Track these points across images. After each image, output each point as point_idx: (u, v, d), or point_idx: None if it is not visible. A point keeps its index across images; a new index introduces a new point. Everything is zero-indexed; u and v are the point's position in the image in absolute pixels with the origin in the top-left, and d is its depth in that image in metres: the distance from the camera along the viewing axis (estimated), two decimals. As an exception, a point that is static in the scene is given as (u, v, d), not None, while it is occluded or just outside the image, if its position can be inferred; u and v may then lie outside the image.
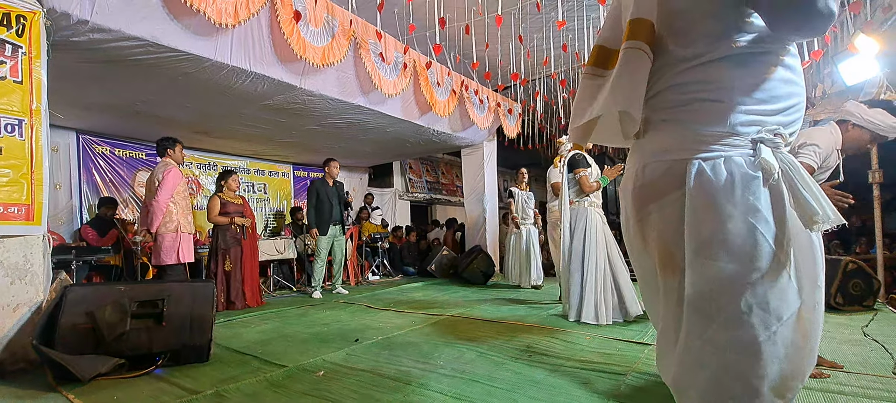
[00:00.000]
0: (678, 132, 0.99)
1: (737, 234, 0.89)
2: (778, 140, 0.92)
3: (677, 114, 0.99)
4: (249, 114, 5.01)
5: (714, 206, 0.91)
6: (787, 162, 0.91)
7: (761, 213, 0.90)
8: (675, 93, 1.00)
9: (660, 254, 1.02)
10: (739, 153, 0.93)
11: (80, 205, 5.60)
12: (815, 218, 0.87)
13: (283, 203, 8.01)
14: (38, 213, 2.63)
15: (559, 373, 2.33)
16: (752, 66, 0.94)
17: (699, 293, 0.93)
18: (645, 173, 1.05)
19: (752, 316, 0.88)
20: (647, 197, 1.05)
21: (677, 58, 0.99)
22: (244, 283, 4.70)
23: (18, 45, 2.63)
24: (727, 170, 0.92)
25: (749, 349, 0.88)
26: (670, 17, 0.99)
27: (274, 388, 2.22)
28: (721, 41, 0.94)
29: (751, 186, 0.90)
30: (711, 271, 0.91)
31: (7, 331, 2.46)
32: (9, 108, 2.56)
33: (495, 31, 5.28)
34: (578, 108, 1.12)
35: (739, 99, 0.93)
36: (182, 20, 3.31)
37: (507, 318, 3.76)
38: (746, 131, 0.93)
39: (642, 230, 1.07)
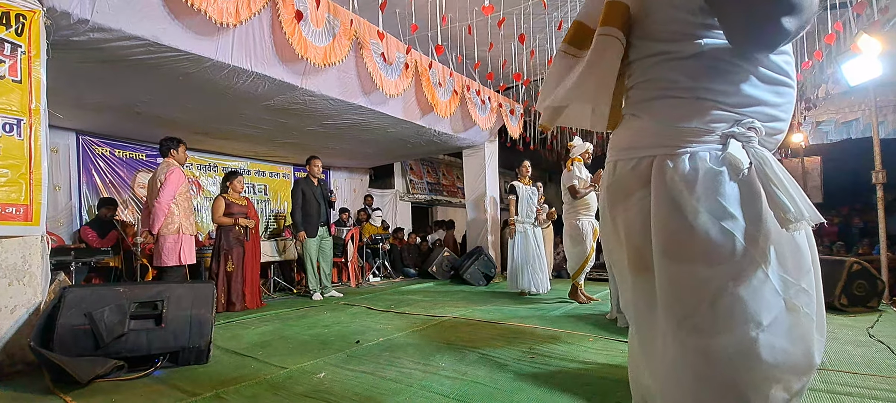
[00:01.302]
0: (646, 128, 0.97)
1: (701, 232, 0.85)
2: (751, 134, 0.88)
3: (646, 109, 0.97)
4: (250, 114, 5.00)
5: (676, 203, 0.88)
6: (760, 156, 0.87)
7: (727, 209, 0.85)
8: (645, 89, 0.97)
9: (629, 253, 1.00)
10: (706, 148, 0.89)
11: (79, 207, 5.58)
12: (788, 216, 0.81)
13: (284, 204, 7.98)
14: (37, 214, 2.61)
15: (562, 375, 2.30)
16: (724, 61, 0.90)
17: (667, 295, 0.89)
18: (615, 170, 1.03)
19: (726, 320, 0.83)
20: (616, 194, 1.02)
21: (649, 53, 0.96)
22: (245, 285, 4.68)
23: (18, 44, 2.61)
24: (691, 166, 0.89)
25: (722, 355, 0.83)
26: (642, 13, 0.96)
27: (274, 390, 2.20)
28: (687, 40, 0.91)
29: (715, 181, 0.86)
30: (677, 271, 0.88)
31: (4, 333, 2.44)
32: (7, 108, 2.54)
33: (498, 31, 5.26)
34: (547, 86, 1.08)
35: (709, 95, 0.90)
36: (183, 20, 3.29)
37: (509, 320, 3.73)
38: (717, 126, 0.89)
39: (615, 228, 1.05)
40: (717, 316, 0.83)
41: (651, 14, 0.95)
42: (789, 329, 0.83)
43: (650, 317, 0.95)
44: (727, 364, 0.83)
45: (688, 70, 0.91)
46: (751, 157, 0.87)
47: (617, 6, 0.95)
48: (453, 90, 5.84)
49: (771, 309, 0.83)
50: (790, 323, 0.83)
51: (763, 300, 0.82)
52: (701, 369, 0.84)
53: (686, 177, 0.88)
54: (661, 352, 0.92)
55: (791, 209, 0.81)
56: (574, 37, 1.07)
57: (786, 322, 0.83)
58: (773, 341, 0.81)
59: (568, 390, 2.09)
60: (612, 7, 0.95)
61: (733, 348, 0.82)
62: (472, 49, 5.71)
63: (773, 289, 0.83)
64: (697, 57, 0.91)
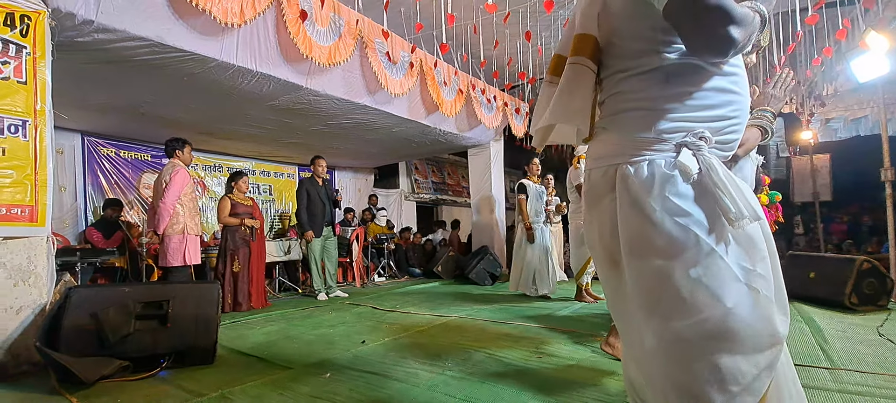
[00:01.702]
0: (613, 138, 1.07)
1: (660, 229, 0.94)
2: (700, 143, 0.97)
3: (614, 121, 1.07)
4: (255, 114, 4.99)
5: (636, 205, 0.98)
6: (706, 163, 0.96)
7: (681, 206, 0.94)
8: (613, 103, 1.08)
9: (603, 253, 1.10)
10: (663, 156, 0.99)
11: (85, 208, 5.60)
12: (730, 216, 0.91)
13: (289, 204, 7.99)
14: (42, 215, 2.61)
15: (570, 374, 2.27)
16: (679, 77, 0.99)
17: (635, 288, 0.99)
18: (590, 177, 1.14)
19: (692, 305, 0.91)
20: (591, 200, 1.13)
21: (615, 69, 1.07)
22: (251, 285, 4.68)
23: (23, 46, 2.61)
24: (649, 172, 0.98)
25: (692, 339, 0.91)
26: (608, 34, 1.07)
27: (279, 390, 2.18)
28: (650, 55, 1.01)
29: (668, 183, 0.96)
30: (640, 266, 0.97)
31: (10, 333, 2.43)
32: (12, 109, 2.55)
33: (503, 29, 5.23)
34: (537, 112, 1.20)
35: (665, 107, 0.99)
36: (187, 20, 3.29)
37: (515, 320, 3.71)
38: (671, 137, 0.99)
39: (591, 230, 1.16)
40: (684, 302, 0.92)
41: (619, 34, 1.05)
42: (751, 308, 0.91)
43: (626, 312, 1.05)
44: (698, 345, 0.91)
45: (647, 84, 1.01)
46: (700, 164, 0.96)
47: (584, 38, 1.08)
48: (458, 89, 5.81)
49: (733, 292, 0.90)
50: (752, 304, 0.91)
51: (724, 284, 0.91)
52: (676, 353, 0.93)
53: (644, 182, 0.98)
54: (639, 344, 1.00)
55: (733, 209, 0.90)
56: (555, 68, 1.18)
57: (748, 302, 0.91)
58: (737, 319, 0.89)
59: (575, 390, 2.06)
60: (580, 39, 1.08)
61: (702, 329, 0.90)
62: (477, 47, 5.69)
63: (733, 275, 0.91)
64: (656, 71, 1.00)
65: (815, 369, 2.28)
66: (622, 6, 1.03)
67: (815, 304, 3.99)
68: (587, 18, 1.09)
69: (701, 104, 0.99)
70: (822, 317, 3.50)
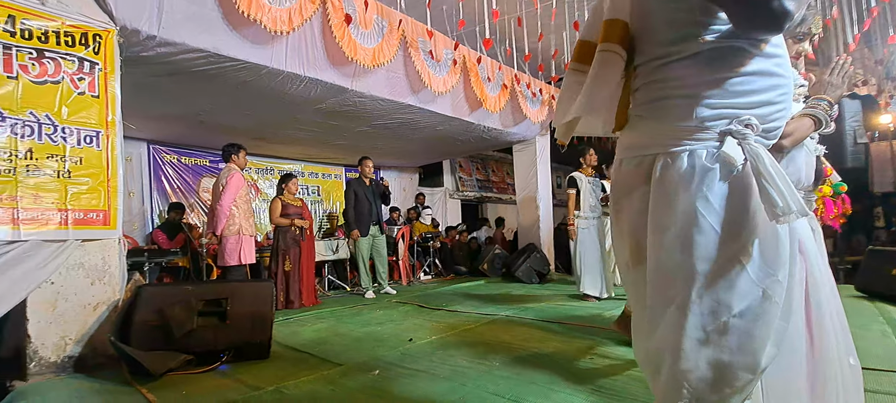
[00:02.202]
0: (649, 128, 1.03)
1: (688, 226, 0.93)
2: (747, 131, 0.92)
3: (649, 110, 1.03)
4: (303, 118, 5.16)
5: (670, 198, 0.95)
6: (753, 153, 0.91)
7: (712, 205, 0.92)
8: (650, 90, 1.03)
9: (631, 245, 1.08)
10: (704, 146, 0.95)
11: (151, 211, 6.01)
12: (777, 210, 0.87)
13: (336, 204, 8.21)
14: (114, 218, 2.81)
15: (625, 378, 2.17)
16: (721, 61, 0.95)
17: (657, 281, 0.98)
18: (621, 168, 1.11)
19: (702, 306, 0.91)
20: (621, 190, 1.10)
21: (650, 56, 1.02)
22: (301, 283, 4.83)
23: (95, 62, 2.81)
24: (689, 164, 0.94)
25: (699, 336, 0.91)
26: (642, 18, 1.02)
27: (331, 386, 2.23)
28: (689, 40, 0.96)
29: (706, 178, 0.93)
30: (666, 260, 0.95)
31: (88, 328, 2.64)
32: (88, 121, 2.75)
33: (548, 20, 5.10)
34: (560, 105, 1.16)
35: (707, 94, 0.95)
36: (240, 30, 3.43)
37: (565, 318, 3.60)
38: (714, 124, 0.94)
39: (619, 222, 1.13)
40: (697, 300, 0.92)
41: (655, 18, 1.01)
42: (758, 316, 0.90)
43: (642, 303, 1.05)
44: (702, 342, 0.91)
45: (688, 70, 0.97)
46: (745, 154, 0.91)
47: (614, 23, 1.03)
48: (502, 84, 5.73)
49: (744, 297, 0.90)
50: (761, 311, 0.90)
51: (737, 290, 0.90)
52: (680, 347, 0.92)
53: (682, 175, 0.94)
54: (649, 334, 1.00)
55: (780, 204, 0.86)
56: (579, 55, 1.14)
57: (756, 310, 0.90)
58: (740, 325, 0.90)
59: (630, 392, 1.96)
60: (610, 24, 1.03)
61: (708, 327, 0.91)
62: (521, 41, 5.58)
63: (751, 280, 0.90)
64: (697, 56, 0.95)
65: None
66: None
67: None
68: (618, 3, 1.04)
69: (745, 89, 0.94)
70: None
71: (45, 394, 2.20)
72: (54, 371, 2.48)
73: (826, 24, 5.30)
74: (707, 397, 0.91)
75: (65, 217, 2.59)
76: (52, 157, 2.60)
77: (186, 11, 3.16)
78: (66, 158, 2.64)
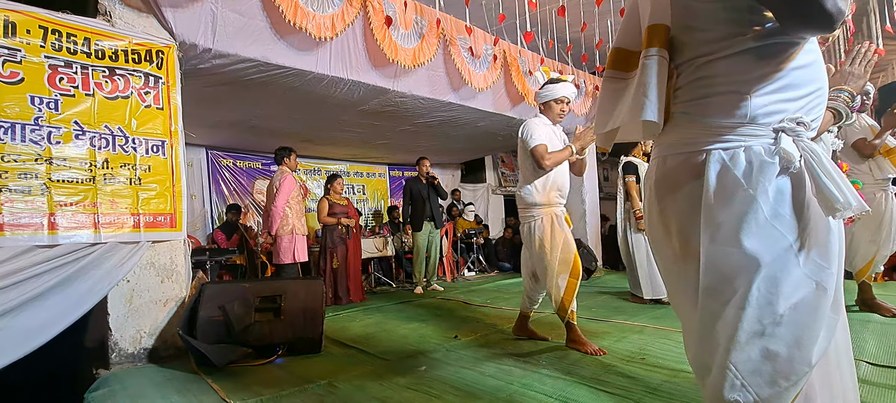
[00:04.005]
0: (697, 125, 1.02)
1: (748, 220, 0.92)
2: (799, 129, 0.93)
3: (697, 107, 1.02)
4: (347, 119, 5.31)
5: (729, 194, 0.94)
6: (809, 150, 0.92)
7: (771, 200, 0.92)
8: (695, 88, 1.02)
9: (679, 242, 1.06)
10: (760, 143, 0.95)
11: (210, 212, 6.40)
12: (836, 205, 0.87)
13: (380, 202, 8.39)
14: (180, 221, 3.02)
15: (679, 380, 2.10)
16: (769, 57, 0.95)
17: (713, 276, 0.96)
18: (665, 164, 1.09)
19: (761, 298, 0.91)
20: (667, 187, 1.09)
21: (696, 54, 1.02)
22: (348, 280, 5.00)
23: (159, 77, 3.03)
24: (747, 160, 0.94)
25: (756, 329, 0.91)
26: (687, 17, 1.02)
27: (379, 381, 2.30)
28: (736, 37, 0.96)
29: (766, 173, 0.92)
30: (723, 255, 0.94)
31: (159, 322, 2.86)
32: (154, 132, 2.97)
33: (592, 8, 4.96)
34: (603, 112, 1.16)
35: (758, 89, 0.95)
36: (287, 38, 3.58)
37: (614, 317, 3.52)
38: (767, 120, 0.95)
39: (663, 219, 1.11)
40: (755, 294, 0.91)
41: (699, 17, 1.00)
42: (813, 308, 0.90)
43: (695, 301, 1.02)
44: (759, 336, 0.90)
45: (736, 66, 0.96)
46: (801, 150, 0.92)
47: (657, 28, 1.03)
48: (544, 78, 5.64)
49: (799, 289, 0.90)
50: (816, 303, 0.90)
51: (793, 282, 0.90)
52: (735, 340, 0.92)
53: (742, 170, 0.94)
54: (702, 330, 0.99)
55: (840, 200, 0.87)
56: (616, 62, 1.15)
57: (812, 302, 0.90)
58: (796, 317, 0.90)
59: (683, 395, 1.90)
60: (653, 30, 1.04)
61: (765, 321, 0.90)
62: (563, 32, 5.47)
63: (805, 274, 0.91)
64: (745, 53, 0.95)
65: None
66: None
67: None
68: (659, 7, 1.04)
69: (792, 84, 0.95)
70: None
71: (126, 381, 2.42)
72: (131, 361, 2.72)
73: None
74: (762, 391, 0.91)
75: (137, 220, 2.82)
76: (125, 166, 2.84)
77: (237, 24, 3.34)
78: (136, 167, 2.87)
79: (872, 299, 3.13)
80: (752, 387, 0.91)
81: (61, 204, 2.57)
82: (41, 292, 2.39)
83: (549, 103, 2.84)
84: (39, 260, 2.42)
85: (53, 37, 2.64)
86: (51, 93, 2.61)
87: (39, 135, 2.56)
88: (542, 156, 2.65)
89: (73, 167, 2.64)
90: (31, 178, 2.51)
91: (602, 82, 1.19)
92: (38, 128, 2.56)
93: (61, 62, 2.65)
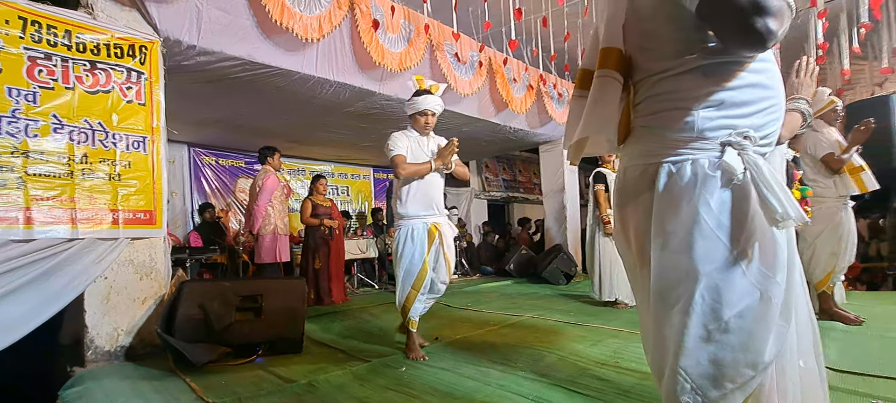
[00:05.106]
0: (653, 138, 1.09)
1: (691, 230, 0.98)
2: (745, 143, 0.98)
3: (652, 121, 1.09)
4: (333, 121, 5.31)
5: (675, 204, 1.01)
6: (752, 163, 0.97)
7: (713, 211, 0.97)
8: (651, 103, 1.09)
9: (636, 248, 1.14)
10: (706, 155, 1.01)
11: (191, 210, 6.32)
12: (776, 216, 0.93)
13: (365, 204, 8.39)
14: (160, 218, 3.00)
15: (649, 383, 2.16)
16: (717, 74, 1.01)
17: (661, 283, 1.03)
18: (625, 175, 1.18)
19: (704, 305, 0.96)
20: (626, 196, 1.17)
21: (651, 72, 1.09)
22: (331, 281, 4.98)
23: (141, 72, 3.00)
24: (692, 172, 1.00)
25: (701, 334, 0.97)
26: (642, 38, 1.10)
27: (360, 381, 2.32)
28: (685, 55, 1.03)
29: (708, 185, 0.98)
30: (671, 262, 1.01)
31: (137, 320, 2.83)
32: (135, 128, 2.94)
33: (575, 19, 5.07)
34: (568, 129, 1.25)
35: (706, 105, 1.01)
36: (273, 38, 3.58)
37: (591, 322, 3.60)
38: (715, 135, 1.00)
39: (624, 227, 1.20)
40: (699, 301, 0.97)
41: (652, 38, 1.08)
42: (758, 316, 0.96)
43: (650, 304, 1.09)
44: (705, 341, 0.97)
45: (686, 83, 1.03)
46: (745, 163, 0.97)
47: (609, 51, 1.12)
48: (528, 85, 5.74)
49: (744, 297, 0.96)
50: (761, 311, 0.96)
51: (737, 290, 0.96)
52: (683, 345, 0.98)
53: (686, 182, 1.00)
54: (655, 333, 1.06)
55: (779, 210, 0.92)
56: (581, 82, 1.23)
57: (756, 310, 0.96)
58: (741, 324, 0.95)
59: (654, 398, 1.97)
60: (606, 52, 1.12)
61: (711, 327, 0.96)
62: (547, 41, 5.57)
63: (750, 282, 0.96)
64: (694, 71, 1.02)
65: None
66: (654, 11, 1.06)
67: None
68: (611, 32, 1.12)
69: (740, 100, 1.01)
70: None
71: (101, 379, 2.39)
72: (107, 360, 2.69)
73: (875, 15, 5.11)
74: (709, 392, 0.96)
75: (116, 216, 2.79)
76: (105, 161, 2.80)
77: (223, 21, 3.33)
78: (116, 162, 2.84)
79: (831, 308, 3.27)
80: (701, 390, 0.97)
81: (38, 199, 2.53)
82: (15, 287, 2.35)
83: (414, 115, 2.92)
84: (14, 254, 2.38)
85: (33, 28, 2.60)
86: (29, 86, 2.56)
87: (16, 127, 2.52)
88: (397, 165, 2.74)
89: (51, 161, 2.60)
90: (6, 171, 2.46)
91: (570, 102, 1.27)
92: (15, 121, 2.52)
93: (41, 54, 2.61)
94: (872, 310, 3.49)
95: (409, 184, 2.80)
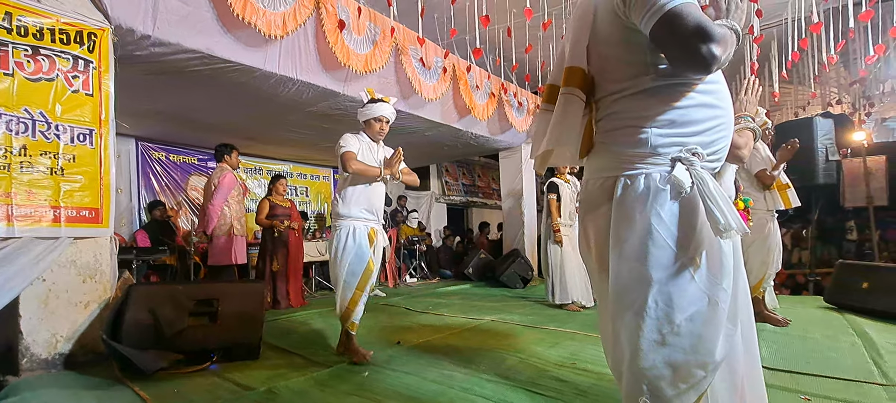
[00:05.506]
0: (611, 153, 1.18)
1: (644, 239, 1.06)
2: (693, 159, 1.06)
3: (610, 138, 1.18)
4: (295, 120, 5.19)
5: (630, 215, 1.09)
6: (699, 177, 1.05)
7: (666, 223, 1.05)
8: (609, 121, 1.18)
9: (596, 255, 1.23)
10: (658, 170, 1.09)
11: (138, 208, 5.96)
12: (720, 227, 1.00)
13: (324, 205, 8.22)
14: (106, 216, 2.83)
15: (606, 384, 2.27)
16: (668, 95, 1.09)
17: (618, 287, 1.10)
18: (588, 186, 1.26)
19: (658, 310, 1.04)
20: (587, 207, 1.26)
21: (609, 91, 1.18)
22: (289, 284, 4.86)
23: (90, 61, 2.83)
24: (645, 185, 1.09)
25: (655, 338, 1.04)
26: (600, 61, 1.19)
27: (321, 387, 2.29)
28: (639, 77, 1.11)
29: (659, 198, 1.06)
30: (625, 269, 1.08)
31: (79, 325, 2.65)
32: (81, 119, 2.76)
33: (537, 31, 5.23)
34: (535, 141, 1.32)
35: (656, 124, 1.09)
36: (234, 33, 3.47)
37: (549, 324, 3.71)
38: (666, 151, 1.09)
39: (586, 236, 1.28)
40: (652, 306, 1.04)
41: (609, 59, 1.16)
42: (707, 320, 1.03)
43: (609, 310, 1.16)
44: (659, 344, 1.04)
45: (638, 104, 1.12)
46: (693, 178, 1.05)
47: (573, 70, 1.19)
48: (490, 93, 5.85)
49: (693, 303, 1.04)
50: (709, 316, 1.04)
51: (687, 296, 1.04)
52: (639, 347, 1.05)
53: (639, 194, 1.09)
54: (613, 333, 1.13)
55: (722, 221, 1.00)
56: (548, 97, 1.30)
57: (706, 313, 1.04)
58: (691, 328, 1.03)
59: (610, 397, 2.07)
60: (570, 71, 1.20)
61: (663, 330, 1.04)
62: (510, 51, 5.70)
63: (699, 288, 1.04)
64: (645, 92, 1.11)
65: (868, 385, 2.19)
66: (610, 34, 1.14)
67: (868, 316, 3.80)
68: (575, 52, 1.20)
69: (689, 119, 1.09)
70: (876, 330, 3.33)
71: (38, 388, 2.22)
72: (45, 368, 2.50)
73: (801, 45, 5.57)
74: (665, 392, 1.03)
75: (58, 214, 2.61)
76: (46, 154, 2.62)
77: (181, 12, 3.19)
78: (59, 156, 2.66)
79: (762, 311, 3.58)
80: (657, 391, 1.03)
81: (-32, 193, 2.33)
82: (-61, 290, 2.15)
83: (369, 121, 3.03)
84: (-62, 254, 2.17)
85: (-33, 8, 2.40)
86: (-39, 71, 2.36)
87: (-56, 115, 2.31)
88: (348, 160, 2.80)
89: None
90: (-69, 163, 2.26)
91: (537, 114, 1.35)
92: (-57, 108, 2.31)
93: (-24, 37, 2.41)
94: (795, 313, 3.85)
95: (355, 184, 2.84)
